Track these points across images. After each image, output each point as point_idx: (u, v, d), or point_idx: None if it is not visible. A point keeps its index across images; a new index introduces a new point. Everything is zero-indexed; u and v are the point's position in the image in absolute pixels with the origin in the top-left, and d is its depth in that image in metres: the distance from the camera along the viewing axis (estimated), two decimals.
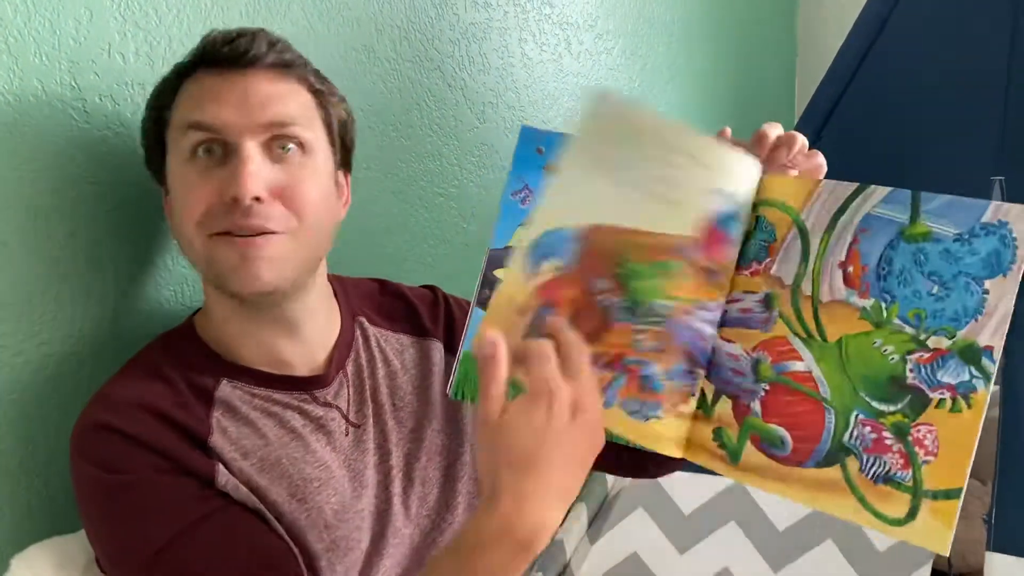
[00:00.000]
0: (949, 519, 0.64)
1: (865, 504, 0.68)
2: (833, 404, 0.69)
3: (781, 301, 0.73)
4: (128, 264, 0.96)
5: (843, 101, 1.42)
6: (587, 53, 1.64)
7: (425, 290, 1.05)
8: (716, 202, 0.72)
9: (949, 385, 0.65)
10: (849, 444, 0.69)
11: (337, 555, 0.83)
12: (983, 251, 0.65)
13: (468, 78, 1.40)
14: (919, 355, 0.67)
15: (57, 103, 0.89)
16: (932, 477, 0.65)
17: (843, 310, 0.70)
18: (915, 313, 0.67)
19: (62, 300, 0.90)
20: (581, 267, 0.72)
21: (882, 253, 0.69)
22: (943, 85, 1.34)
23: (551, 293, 0.72)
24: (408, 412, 0.93)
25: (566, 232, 0.72)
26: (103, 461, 0.77)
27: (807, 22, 2.35)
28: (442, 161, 1.37)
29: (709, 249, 0.73)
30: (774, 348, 0.72)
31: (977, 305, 0.65)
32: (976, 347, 0.65)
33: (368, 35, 1.23)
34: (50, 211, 0.88)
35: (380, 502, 0.88)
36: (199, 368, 0.84)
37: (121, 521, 0.76)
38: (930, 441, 0.66)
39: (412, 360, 0.97)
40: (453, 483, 0.94)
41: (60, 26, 0.88)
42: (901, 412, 0.67)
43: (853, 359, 0.69)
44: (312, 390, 0.87)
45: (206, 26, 1.01)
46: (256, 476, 0.80)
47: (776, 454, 0.71)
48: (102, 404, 0.80)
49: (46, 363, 0.89)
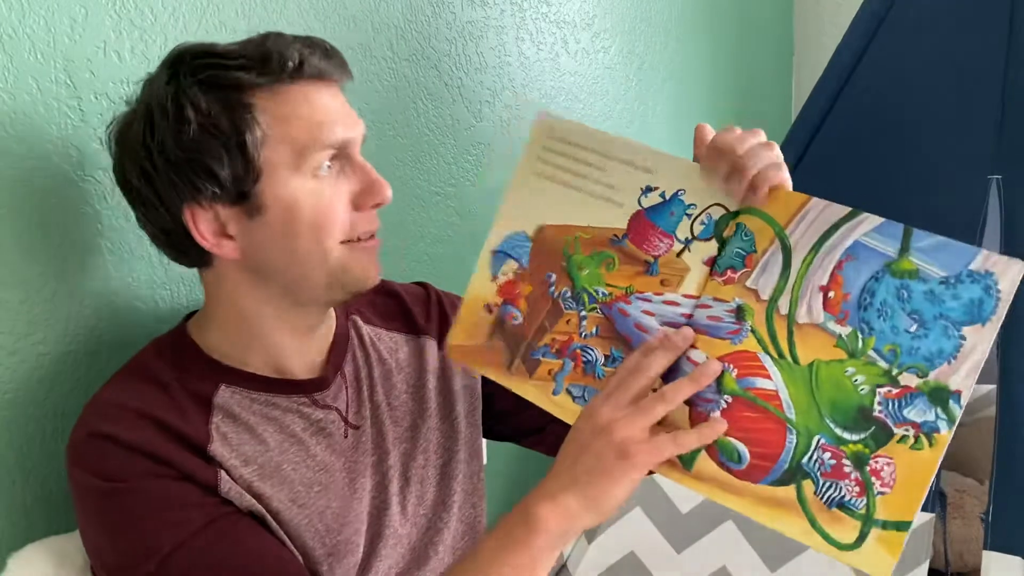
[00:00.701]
0: (895, 549, 0.66)
1: (815, 526, 0.69)
2: (796, 426, 0.70)
3: (755, 315, 0.73)
4: (123, 265, 0.95)
5: (840, 100, 1.42)
6: (584, 52, 1.64)
7: (417, 287, 1.04)
8: (648, 198, 0.78)
9: (914, 423, 0.66)
10: (807, 467, 0.69)
11: (337, 559, 0.82)
12: (966, 297, 0.66)
13: (465, 77, 1.40)
14: (888, 389, 0.67)
15: (52, 101, 0.88)
16: (885, 508, 0.66)
17: (818, 335, 0.70)
18: (891, 348, 0.68)
19: (58, 300, 0.90)
20: (534, 264, 0.83)
21: (866, 283, 0.69)
22: (940, 84, 1.34)
23: (510, 291, 0.84)
24: (404, 411, 0.93)
25: (521, 235, 0.84)
26: (101, 470, 0.75)
27: (804, 21, 2.35)
28: (439, 160, 1.37)
29: (637, 239, 0.79)
30: (742, 362, 0.73)
31: (953, 349, 0.66)
32: (946, 390, 0.66)
33: (365, 33, 1.23)
34: (45, 210, 0.88)
35: (378, 503, 0.88)
36: (197, 373, 0.82)
37: (122, 531, 0.74)
38: (887, 473, 0.67)
39: (406, 358, 0.96)
40: (449, 481, 0.94)
41: (55, 24, 0.88)
42: (863, 442, 0.68)
43: (824, 385, 0.69)
44: (312, 393, 0.86)
45: (201, 24, 1.01)
46: (257, 483, 0.79)
47: (732, 468, 0.72)
48: (97, 412, 0.79)
49: (41, 362, 0.89)
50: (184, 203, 0.77)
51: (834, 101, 1.41)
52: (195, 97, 0.75)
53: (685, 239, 0.77)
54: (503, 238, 0.84)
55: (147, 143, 0.76)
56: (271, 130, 0.76)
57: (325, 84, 0.79)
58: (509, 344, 0.83)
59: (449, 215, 1.40)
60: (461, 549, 0.96)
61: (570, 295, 0.81)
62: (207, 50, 0.77)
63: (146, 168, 0.77)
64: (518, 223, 0.84)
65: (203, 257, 0.81)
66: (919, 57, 1.37)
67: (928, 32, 1.37)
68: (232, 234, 0.78)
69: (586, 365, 0.79)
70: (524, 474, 1.62)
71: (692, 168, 0.77)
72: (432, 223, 1.37)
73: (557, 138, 0.83)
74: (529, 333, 0.82)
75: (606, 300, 0.79)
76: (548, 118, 0.84)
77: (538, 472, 1.65)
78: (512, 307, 0.84)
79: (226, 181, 0.76)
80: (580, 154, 0.82)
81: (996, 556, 1.12)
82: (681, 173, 0.78)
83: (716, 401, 0.73)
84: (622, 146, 0.80)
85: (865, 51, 1.40)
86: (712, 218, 0.76)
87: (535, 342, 0.82)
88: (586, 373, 0.79)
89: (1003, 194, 1.21)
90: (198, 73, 0.76)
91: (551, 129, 0.84)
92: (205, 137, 0.75)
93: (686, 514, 1.40)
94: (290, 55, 0.76)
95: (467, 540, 0.96)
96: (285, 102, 0.77)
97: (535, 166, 0.84)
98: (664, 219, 0.78)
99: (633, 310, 0.78)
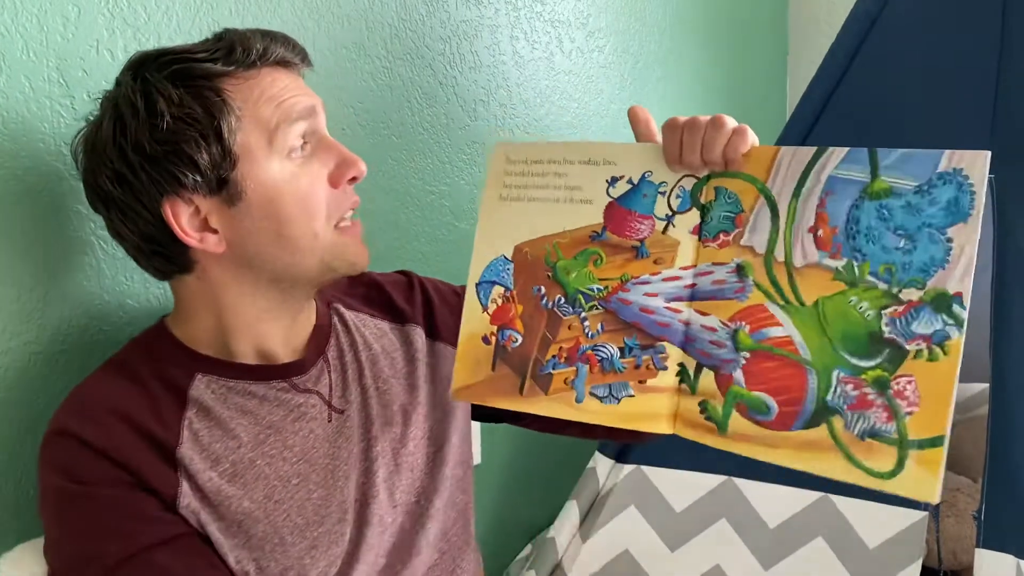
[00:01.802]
0: (936, 467, 0.66)
1: (853, 461, 0.69)
2: (814, 365, 0.71)
3: (755, 270, 0.75)
4: (116, 263, 0.95)
5: (833, 100, 1.42)
6: (579, 51, 1.64)
7: (398, 275, 1.04)
8: (616, 188, 0.80)
9: (924, 336, 0.67)
10: (832, 403, 0.70)
11: (321, 550, 0.82)
12: (943, 199, 0.67)
13: (459, 76, 1.40)
14: (893, 309, 0.68)
15: (45, 100, 0.88)
16: (916, 427, 0.67)
17: (817, 273, 0.72)
18: (886, 268, 0.69)
19: (50, 299, 0.90)
20: (520, 282, 0.83)
21: (849, 213, 0.71)
22: (933, 83, 1.34)
23: (503, 316, 0.83)
24: (392, 396, 0.92)
25: (500, 259, 0.84)
26: (65, 469, 0.75)
27: (798, 21, 2.35)
28: (433, 159, 1.37)
29: (616, 229, 0.80)
30: (752, 316, 0.74)
31: (944, 254, 0.67)
32: (946, 295, 0.66)
33: (359, 32, 1.23)
34: (37, 209, 0.88)
35: (365, 491, 0.87)
36: (173, 363, 0.82)
37: (76, 532, 0.75)
38: (911, 392, 0.67)
39: (393, 345, 0.96)
40: (441, 468, 0.93)
41: (48, 22, 0.88)
42: (880, 367, 0.68)
43: (831, 319, 0.71)
44: (291, 377, 0.86)
45: (195, 23, 1.01)
46: (227, 485, 0.79)
47: (762, 420, 0.73)
48: (72, 409, 0.79)
49: (34, 362, 0.89)
50: (164, 198, 0.77)
51: (828, 101, 1.42)
52: (166, 90, 0.76)
53: (666, 216, 0.79)
54: (483, 268, 0.85)
55: (119, 143, 0.76)
56: (243, 114, 0.77)
57: (287, 71, 0.82)
58: (515, 368, 0.82)
59: (444, 214, 1.40)
60: (453, 536, 0.95)
61: (564, 301, 0.81)
62: (169, 49, 0.79)
63: (120, 170, 0.77)
64: (494, 250, 0.84)
65: (186, 260, 0.81)
66: (912, 57, 1.37)
67: (921, 32, 1.37)
68: (215, 227, 0.79)
69: (602, 363, 0.79)
70: (518, 471, 1.62)
71: (652, 149, 0.80)
72: (427, 222, 1.37)
73: (514, 161, 0.85)
74: (533, 350, 0.82)
75: (603, 295, 0.80)
76: (503, 145, 0.86)
77: (535, 468, 1.66)
78: (509, 330, 0.83)
79: (206, 168, 0.76)
80: (538, 168, 0.83)
81: (988, 554, 1.12)
82: (643, 157, 0.80)
83: (736, 360, 0.74)
84: (577, 148, 0.82)
85: (858, 51, 1.40)
86: (686, 189, 0.78)
87: (541, 357, 0.81)
88: (605, 371, 0.79)
89: (995, 194, 1.21)
90: (165, 69, 0.77)
91: (507, 154, 0.85)
92: (180, 127, 0.75)
93: (680, 513, 1.40)
94: (253, 44, 0.79)
95: (458, 526, 0.96)
96: (254, 87, 0.79)
97: (499, 192, 0.85)
98: (638, 202, 0.79)
99: (634, 296, 0.79)
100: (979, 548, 1.14)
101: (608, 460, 1.45)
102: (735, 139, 0.75)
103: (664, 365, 0.77)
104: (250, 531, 0.79)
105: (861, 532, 1.29)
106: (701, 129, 0.76)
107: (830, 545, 1.31)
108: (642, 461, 1.42)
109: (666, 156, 0.79)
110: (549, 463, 1.66)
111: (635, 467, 1.42)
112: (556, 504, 1.49)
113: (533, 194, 0.83)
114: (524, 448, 1.62)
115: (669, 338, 0.77)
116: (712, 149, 0.76)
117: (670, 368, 0.77)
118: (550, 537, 1.44)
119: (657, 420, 0.77)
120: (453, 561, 0.95)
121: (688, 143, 0.76)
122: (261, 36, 0.80)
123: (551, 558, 1.44)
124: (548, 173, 0.83)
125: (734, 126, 0.76)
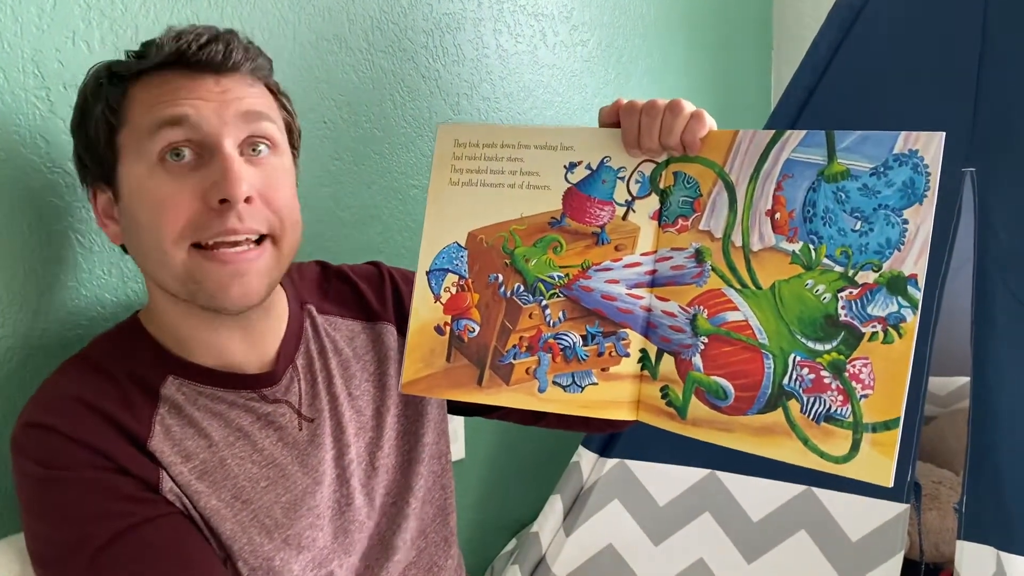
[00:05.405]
0: (890, 450, 0.66)
1: (808, 444, 0.70)
2: (771, 349, 0.71)
3: (713, 254, 0.75)
4: (93, 257, 0.94)
5: (817, 92, 1.42)
6: (562, 44, 1.64)
7: (369, 267, 1.02)
8: (574, 173, 0.80)
9: (879, 318, 0.67)
10: (789, 387, 0.71)
11: (291, 553, 0.81)
12: (898, 181, 0.68)
13: (442, 69, 1.39)
14: (849, 291, 0.69)
15: (20, 91, 0.87)
16: (871, 410, 0.67)
17: (774, 256, 0.72)
18: (842, 251, 0.69)
19: (27, 294, 0.89)
20: (475, 270, 0.81)
21: (806, 196, 0.71)
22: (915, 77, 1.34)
23: (457, 305, 0.82)
24: (366, 400, 0.92)
25: (453, 246, 0.82)
26: (41, 458, 0.74)
27: (783, 15, 2.35)
28: (416, 152, 1.36)
29: (576, 215, 0.79)
30: (710, 301, 0.75)
31: (899, 236, 0.67)
32: (901, 277, 0.67)
33: (340, 25, 1.22)
34: (13, 202, 0.87)
35: (340, 496, 0.87)
36: (146, 363, 0.81)
37: (60, 519, 0.73)
38: (866, 375, 0.68)
39: (364, 346, 0.94)
40: (415, 466, 0.93)
41: (22, 13, 0.86)
42: (836, 350, 0.69)
43: (787, 303, 0.71)
44: (261, 388, 0.85)
45: (173, 15, 1.00)
46: (196, 481, 0.78)
47: (720, 405, 0.74)
48: (42, 401, 0.78)
49: (9, 357, 0.88)
50: (92, 182, 0.82)
51: (811, 93, 1.42)
52: (85, 85, 0.80)
53: (626, 201, 0.79)
54: (434, 256, 0.82)
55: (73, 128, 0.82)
56: (129, 116, 0.77)
57: (214, 75, 0.77)
58: (473, 358, 0.81)
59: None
60: (431, 533, 0.95)
61: (524, 289, 0.80)
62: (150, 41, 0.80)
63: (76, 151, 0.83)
64: (446, 237, 0.82)
65: None
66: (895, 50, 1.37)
67: (904, 26, 1.38)
68: (116, 217, 0.81)
69: (565, 351, 0.79)
70: (502, 467, 1.62)
71: (611, 134, 0.79)
72: (409, 216, 1.36)
73: (463, 144, 0.83)
74: (491, 340, 0.81)
75: (564, 282, 0.80)
76: (449, 127, 0.84)
77: (516, 465, 1.65)
78: (465, 320, 0.82)
79: (96, 162, 0.79)
80: (491, 152, 0.82)
81: (969, 546, 1.12)
82: (601, 142, 0.80)
83: (695, 345, 0.75)
84: (533, 133, 0.81)
85: (841, 44, 1.40)
86: (645, 175, 0.78)
87: (501, 347, 0.81)
88: (568, 360, 0.79)
89: (977, 186, 1.22)
90: (113, 66, 0.79)
91: (455, 137, 0.83)
92: (84, 121, 0.79)
93: (664, 506, 1.40)
94: (168, 44, 0.76)
95: (437, 523, 0.95)
96: (151, 88, 0.77)
97: (448, 176, 0.83)
98: (597, 188, 0.79)
99: (595, 283, 0.79)
100: (960, 540, 1.14)
101: (592, 454, 1.45)
102: (693, 123, 0.75)
103: (626, 352, 0.77)
104: (217, 529, 0.78)
105: (844, 525, 1.30)
106: (659, 113, 0.76)
107: (813, 538, 1.32)
108: (626, 455, 1.42)
109: (624, 141, 0.78)
110: (533, 458, 1.66)
111: (619, 461, 1.42)
112: (540, 499, 1.49)
113: (486, 179, 0.82)
114: (508, 443, 1.61)
115: (631, 324, 0.77)
116: (670, 134, 0.76)
117: (632, 355, 0.77)
118: (534, 532, 1.44)
119: (620, 407, 0.77)
120: (431, 559, 0.94)
121: (646, 127, 0.76)
122: (193, 38, 0.76)
123: (535, 553, 1.43)
124: (502, 158, 0.81)
125: (692, 110, 0.76)
